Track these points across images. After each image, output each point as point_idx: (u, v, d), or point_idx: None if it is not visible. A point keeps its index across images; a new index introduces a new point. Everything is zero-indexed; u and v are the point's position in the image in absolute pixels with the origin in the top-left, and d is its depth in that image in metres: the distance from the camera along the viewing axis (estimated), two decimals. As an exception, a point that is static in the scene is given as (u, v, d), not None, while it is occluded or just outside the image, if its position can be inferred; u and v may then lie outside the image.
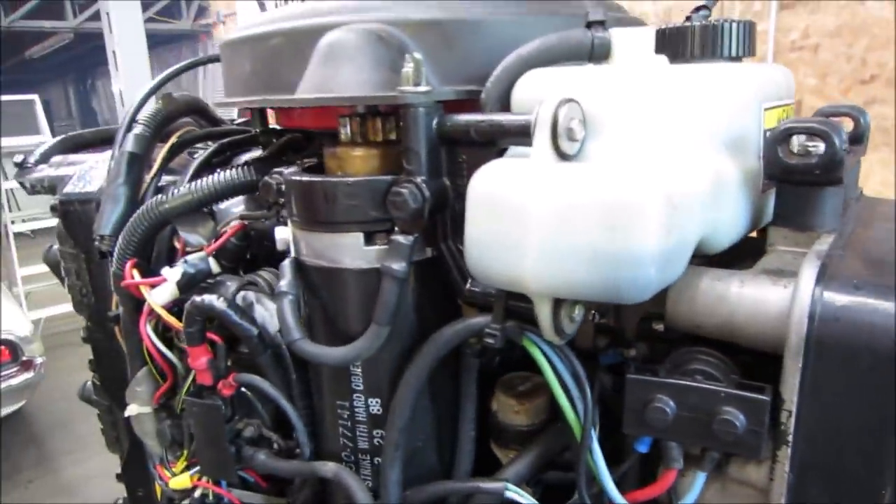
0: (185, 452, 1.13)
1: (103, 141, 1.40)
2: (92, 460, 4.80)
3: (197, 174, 1.11)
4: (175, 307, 0.99)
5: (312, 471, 0.90)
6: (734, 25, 0.79)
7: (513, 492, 0.80)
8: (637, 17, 1.00)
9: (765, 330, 0.67)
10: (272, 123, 1.18)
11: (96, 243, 1.07)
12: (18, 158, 1.31)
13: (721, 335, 0.71)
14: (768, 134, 0.73)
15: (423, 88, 0.74)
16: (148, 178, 1.12)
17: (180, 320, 0.97)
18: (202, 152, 1.17)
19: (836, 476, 0.65)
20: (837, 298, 0.63)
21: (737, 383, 0.68)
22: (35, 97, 5.77)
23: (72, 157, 1.31)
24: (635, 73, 0.72)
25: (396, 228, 0.78)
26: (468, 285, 0.79)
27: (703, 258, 0.75)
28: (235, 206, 1.13)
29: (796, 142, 0.70)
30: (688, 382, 0.69)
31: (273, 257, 1.05)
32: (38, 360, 4.72)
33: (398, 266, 0.76)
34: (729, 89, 0.75)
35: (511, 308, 0.76)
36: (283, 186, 0.85)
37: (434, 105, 0.75)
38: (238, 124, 1.38)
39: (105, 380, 1.26)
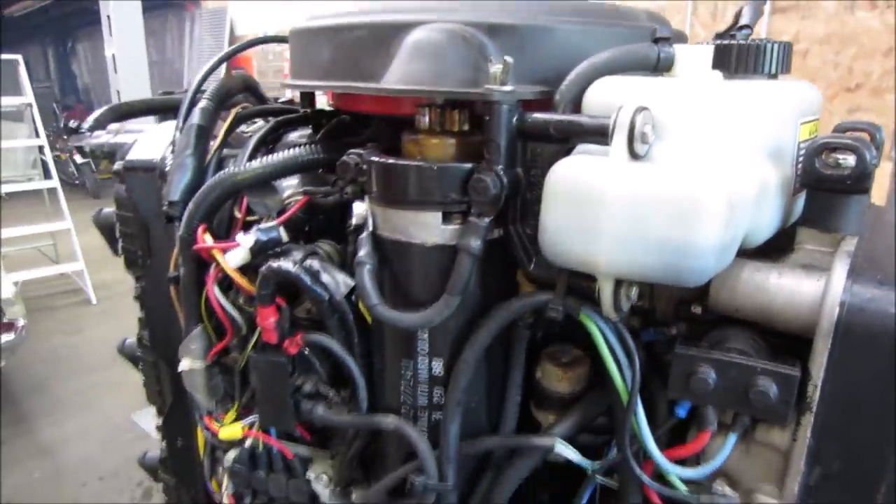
0: (237, 405, 1.22)
1: (150, 110, 1.46)
2: (69, 422, 4.81)
3: (256, 149, 1.19)
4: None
5: (373, 423, 1.00)
6: (776, 46, 0.90)
7: (562, 446, 0.91)
8: (681, 31, 1.10)
9: (799, 315, 0.78)
10: (320, 105, 1.27)
11: (165, 208, 1.13)
12: (73, 123, 1.36)
13: (758, 318, 0.82)
14: (804, 146, 0.84)
15: (507, 88, 0.83)
16: (212, 149, 1.19)
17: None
18: (256, 128, 1.25)
19: (851, 441, 0.76)
20: (864, 291, 0.74)
21: (771, 359, 0.79)
22: (18, 57, 5.66)
23: (128, 125, 1.37)
24: (698, 87, 0.82)
25: (473, 210, 0.87)
26: (532, 265, 0.89)
27: (742, 251, 0.86)
28: (286, 181, 1.21)
29: (830, 154, 0.81)
30: (729, 357, 0.80)
31: (329, 231, 1.14)
32: (20, 323, 4.71)
33: (474, 244, 0.86)
34: (774, 105, 0.85)
35: (571, 286, 0.86)
36: (365, 166, 0.93)
37: (516, 103, 0.84)
38: (282, 103, 1.45)
39: (154, 337, 1.33)
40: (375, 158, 0.92)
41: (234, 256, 1.05)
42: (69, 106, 15.50)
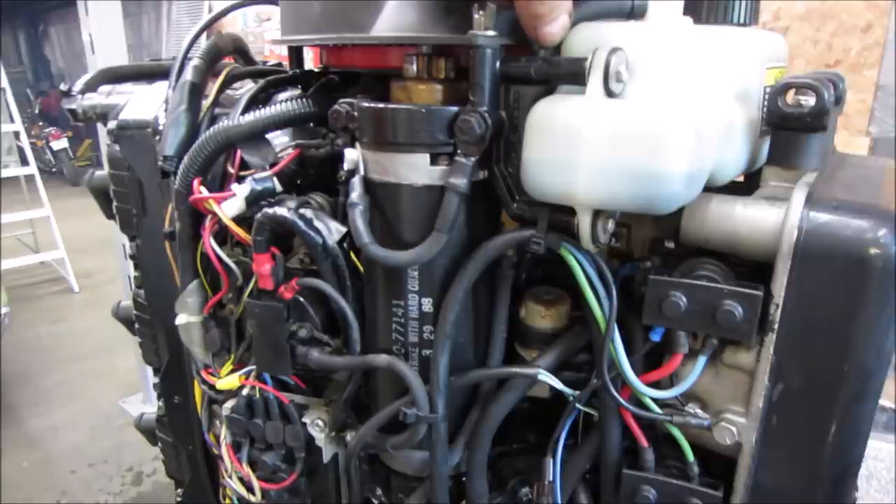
0: (233, 356, 1.26)
1: (141, 74, 1.49)
2: (56, 411, 4.82)
3: (247, 108, 1.23)
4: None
5: (366, 363, 1.05)
6: (743, -2, 0.96)
7: (545, 376, 0.97)
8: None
9: (761, 241, 0.84)
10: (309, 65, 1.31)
11: (160, 163, 1.17)
12: (64, 87, 1.39)
13: (725, 247, 0.88)
14: (769, 88, 0.90)
15: (491, 33, 0.88)
16: (205, 106, 1.23)
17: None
18: (247, 89, 1.28)
19: (810, 356, 0.83)
20: (820, 216, 0.80)
21: (736, 282, 0.85)
22: (-9, 42, 5.58)
23: (119, 88, 1.40)
24: (668, 30, 0.88)
25: (459, 151, 0.92)
26: (515, 203, 0.94)
27: (709, 189, 0.92)
28: (277, 138, 1.25)
29: (792, 95, 0.87)
30: (698, 282, 0.86)
31: (319, 185, 1.19)
32: (3, 311, 4.70)
33: (461, 182, 0.91)
34: (741, 49, 0.91)
35: (552, 221, 0.91)
36: (357, 113, 0.97)
37: (499, 48, 0.89)
38: (271, 66, 1.49)
39: (150, 295, 1.37)
40: (367, 104, 0.96)
41: (230, 206, 1.09)
42: (43, 92, 15.26)
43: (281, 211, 1.04)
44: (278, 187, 1.11)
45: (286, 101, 1.13)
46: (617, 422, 0.97)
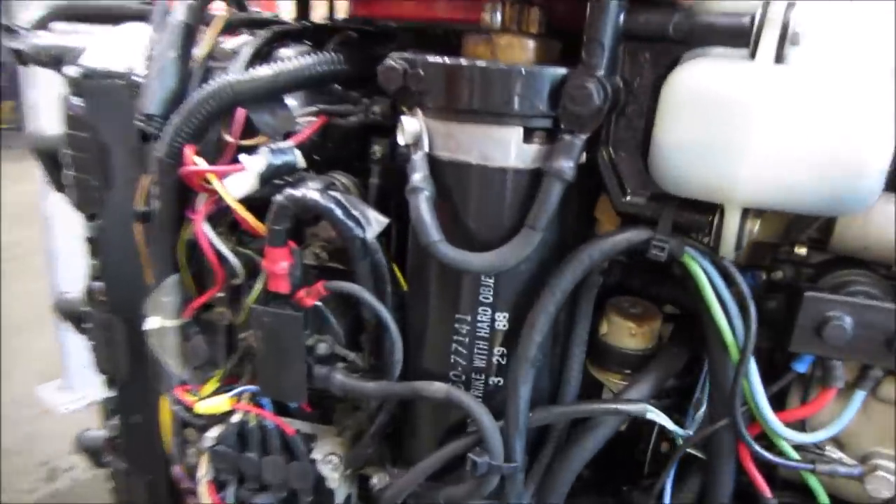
0: (221, 372, 1.01)
1: (99, 16, 1.19)
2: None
3: (251, 63, 0.97)
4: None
5: (415, 391, 0.82)
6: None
7: (655, 414, 0.78)
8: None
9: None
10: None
11: (138, 124, 0.91)
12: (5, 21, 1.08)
13: (888, 257, 0.71)
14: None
15: (619, -25, 0.68)
16: (197, 56, 0.97)
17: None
18: (242, 41, 1.03)
19: None
20: None
21: (913, 303, 0.69)
22: None
23: (76, 27, 1.11)
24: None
25: (563, 126, 0.71)
26: (628, 197, 0.74)
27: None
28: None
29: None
30: (869, 301, 0.69)
31: (339, 162, 0.95)
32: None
33: (566, 166, 0.70)
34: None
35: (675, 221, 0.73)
36: (423, 70, 0.75)
37: (625, -5, 0.69)
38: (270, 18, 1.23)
39: (111, 289, 1.09)
40: (439, 59, 0.74)
41: (237, 183, 0.84)
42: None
43: (311, 193, 0.81)
44: (300, 162, 0.87)
45: (312, 55, 0.89)
46: (732, 467, 0.80)
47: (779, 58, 0.64)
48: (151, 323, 1.00)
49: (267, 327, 0.87)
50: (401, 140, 0.78)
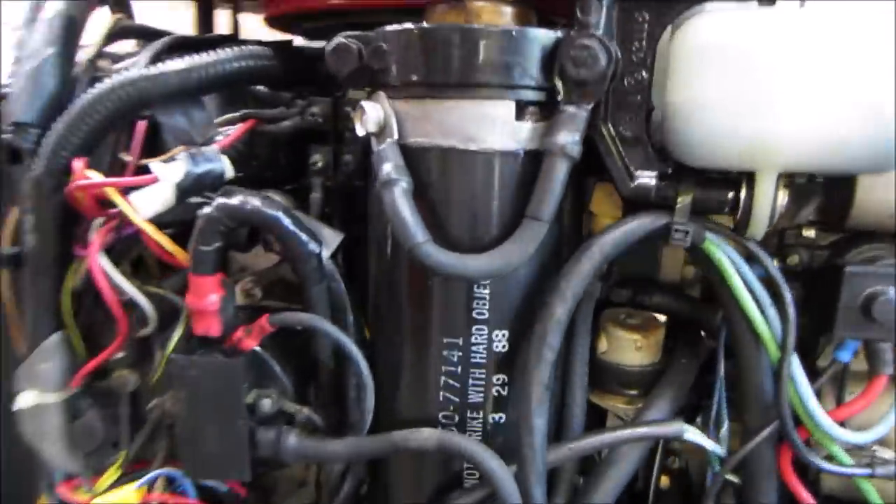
0: (124, 454, 0.78)
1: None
2: None
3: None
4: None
5: (398, 445, 0.65)
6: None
7: (694, 434, 0.65)
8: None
9: None
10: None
11: (7, 136, 0.70)
12: None
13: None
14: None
15: (612, -77, 0.59)
16: (82, 60, 0.78)
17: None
18: (144, 44, 0.86)
19: None
20: None
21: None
22: None
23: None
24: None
25: (562, 97, 0.61)
26: (636, 178, 0.64)
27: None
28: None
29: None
30: (914, 273, 0.62)
31: (271, 177, 0.80)
32: None
33: (570, 141, 0.59)
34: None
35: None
36: (387, 44, 0.62)
37: (620, -53, 0.61)
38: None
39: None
40: (406, 25, 0.62)
41: (148, 198, 0.65)
42: None
43: (252, 200, 0.64)
44: (228, 171, 0.70)
45: (236, 48, 0.74)
46: (775, 485, 0.68)
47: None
48: (23, 400, 0.76)
49: (192, 384, 0.67)
50: (361, 130, 0.64)
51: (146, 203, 0.65)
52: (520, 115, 0.61)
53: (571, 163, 0.60)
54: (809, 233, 0.71)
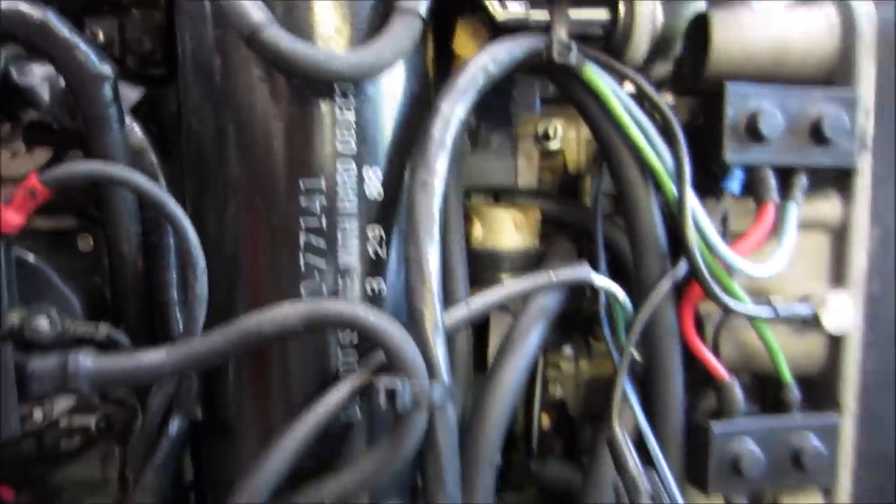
0: None
1: None
2: None
3: None
4: None
5: (248, 332, 0.46)
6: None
7: (598, 278, 0.56)
8: None
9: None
10: None
11: None
12: None
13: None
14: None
15: None
16: None
17: None
18: None
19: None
20: None
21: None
22: None
23: None
24: None
25: None
26: (507, 4, 0.57)
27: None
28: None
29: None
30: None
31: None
32: None
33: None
34: None
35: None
36: None
37: None
38: None
39: None
40: None
41: None
42: None
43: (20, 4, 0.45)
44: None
45: None
46: (679, 350, 0.61)
47: None
48: None
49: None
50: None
51: None
52: None
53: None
54: (667, 98, 0.69)
